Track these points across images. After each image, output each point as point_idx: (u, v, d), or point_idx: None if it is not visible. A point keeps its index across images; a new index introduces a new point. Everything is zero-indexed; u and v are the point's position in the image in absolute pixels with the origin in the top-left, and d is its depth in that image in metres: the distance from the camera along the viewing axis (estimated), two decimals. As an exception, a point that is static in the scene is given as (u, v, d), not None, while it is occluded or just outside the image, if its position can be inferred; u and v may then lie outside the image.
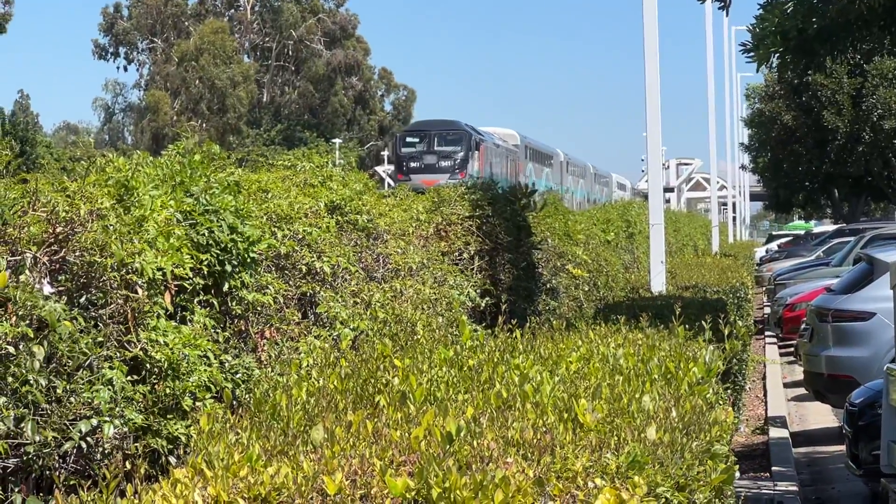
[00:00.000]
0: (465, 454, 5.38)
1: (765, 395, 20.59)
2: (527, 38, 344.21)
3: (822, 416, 18.73)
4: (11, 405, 6.61)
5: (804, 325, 18.18)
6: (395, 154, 58.87)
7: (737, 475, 6.46)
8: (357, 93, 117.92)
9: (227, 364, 8.50)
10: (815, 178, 55.25)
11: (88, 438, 6.99)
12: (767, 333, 30.30)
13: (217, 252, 8.76)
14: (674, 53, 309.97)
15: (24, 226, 7.25)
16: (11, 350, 6.66)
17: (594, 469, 5.31)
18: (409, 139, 57.53)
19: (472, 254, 16.01)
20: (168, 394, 7.71)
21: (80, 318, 7.20)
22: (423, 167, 54.09)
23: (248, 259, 9.04)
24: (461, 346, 8.34)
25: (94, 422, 7.00)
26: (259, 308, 9.47)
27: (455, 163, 54.49)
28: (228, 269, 8.86)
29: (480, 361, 7.72)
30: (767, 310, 34.66)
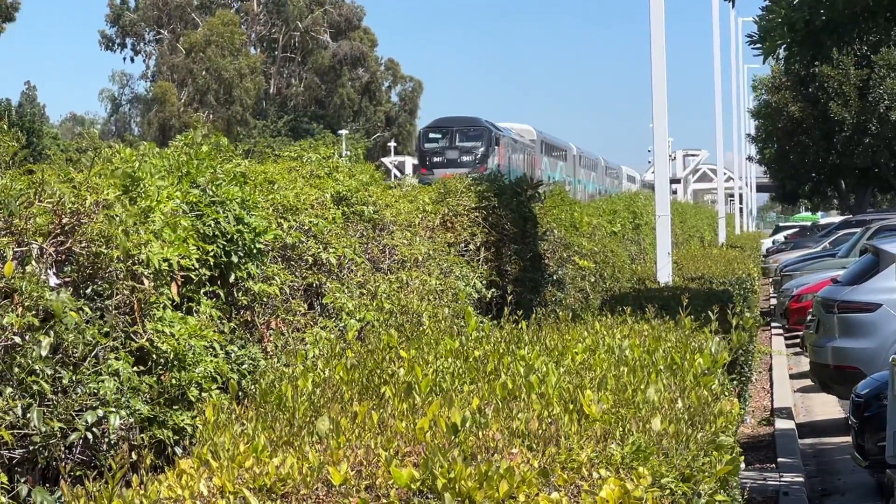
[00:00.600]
0: (471, 445, 5.39)
1: (771, 387, 20.56)
2: (532, 30, 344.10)
3: (828, 408, 18.70)
4: (18, 395, 6.62)
5: (810, 317, 18.15)
6: (419, 149, 61.44)
7: (742, 466, 6.47)
8: (363, 84, 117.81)
9: (233, 355, 8.51)
10: (822, 170, 55.17)
11: (94, 429, 7.00)
12: (773, 325, 30.26)
13: (223, 243, 8.77)
14: (680, 45, 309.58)
15: (31, 217, 7.26)
16: (18, 340, 6.67)
17: (599, 460, 5.32)
18: (432, 135, 59.97)
19: (479, 245, 16.01)
20: (174, 384, 7.72)
21: (87, 309, 7.20)
22: (446, 162, 56.11)
23: (255, 250, 9.05)
24: (467, 338, 8.35)
25: (100, 412, 7.01)
26: (265, 299, 9.48)
27: (476, 157, 56.58)
28: (234, 260, 8.86)
29: (486, 352, 7.73)
30: (774, 301, 34.63)
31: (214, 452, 5.61)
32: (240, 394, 7.98)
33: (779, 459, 14.35)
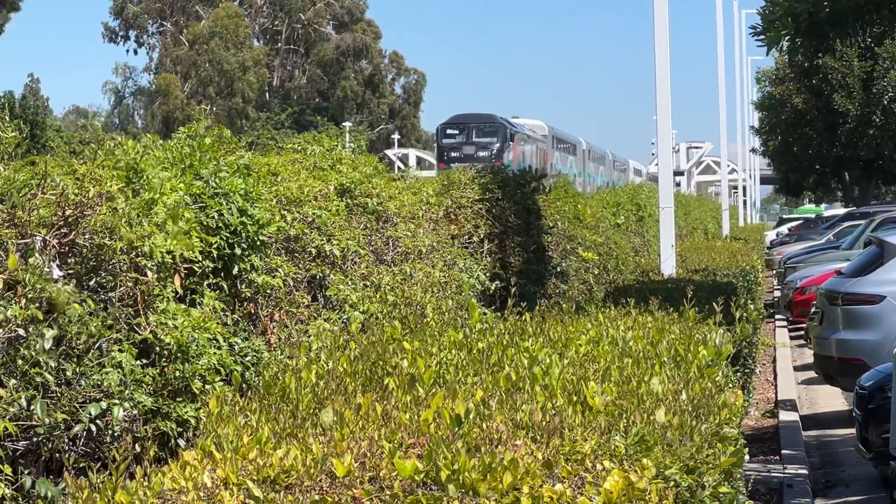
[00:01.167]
0: (474, 436, 5.38)
1: (775, 379, 20.56)
2: (536, 21, 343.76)
3: (832, 400, 18.71)
4: (22, 387, 6.62)
5: (814, 309, 18.14)
6: (437, 145, 64.16)
7: (746, 458, 6.46)
8: (367, 76, 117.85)
9: (237, 347, 8.51)
10: (826, 162, 55.09)
11: (98, 421, 7.00)
12: (777, 317, 30.26)
13: (226, 235, 8.76)
14: (684, 36, 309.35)
15: (34, 209, 7.25)
16: (21, 332, 6.67)
17: (603, 451, 5.31)
18: (450, 131, 63.13)
19: (482, 237, 16.00)
20: (177, 377, 7.72)
21: (90, 301, 7.20)
22: (463, 157, 57.95)
23: (258, 242, 9.05)
24: (470, 329, 8.35)
25: (104, 404, 7.01)
26: (269, 291, 9.48)
27: (492, 153, 58.68)
28: (238, 252, 8.86)
29: (490, 344, 7.73)
30: (777, 293, 34.62)
31: (218, 444, 5.60)
32: (243, 386, 7.99)
33: (783, 451, 14.36)
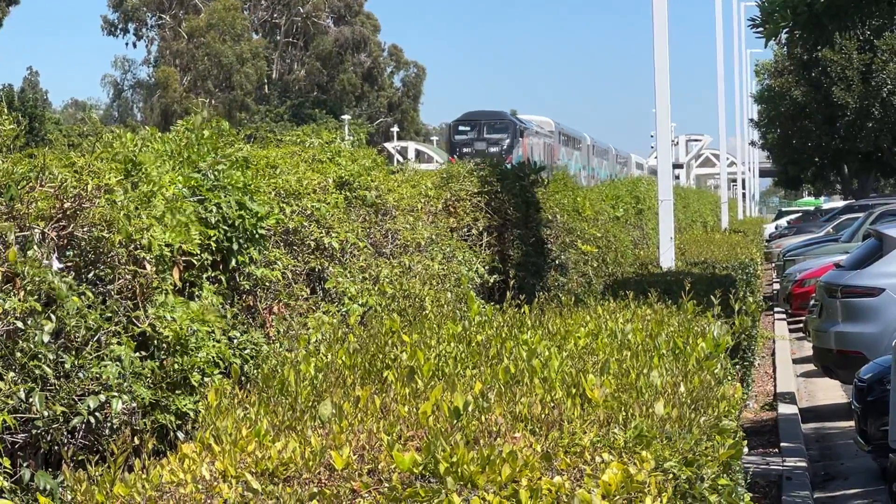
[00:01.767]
0: (473, 429, 5.38)
1: (774, 371, 20.56)
2: (534, 14, 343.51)
3: (831, 392, 18.70)
4: (20, 380, 6.62)
5: (813, 301, 18.14)
6: (449, 141, 67.22)
7: (745, 451, 6.46)
8: (366, 70, 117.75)
9: (236, 340, 8.50)
10: (825, 154, 55.08)
11: (97, 414, 7.00)
12: (776, 309, 30.26)
13: (225, 228, 8.75)
14: (683, 29, 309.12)
15: (32, 201, 7.24)
16: (20, 325, 6.67)
17: (602, 444, 5.31)
18: (462, 128, 66.13)
19: (481, 230, 15.99)
20: (176, 369, 7.71)
21: (89, 294, 7.20)
22: (475, 153, 60.02)
23: (257, 235, 9.03)
24: (469, 322, 8.34)
25: (103, 397, 7.00)
26: (267, 284, 9.47)
27: (502, 148, 61.19)
28: (236, 246, 8.85)
29: (488, 337, 7.72)
30: (776, 286, 34.61)
31: (217, 437, 5.61)
32: (242, 378, 7.98)
33: (782, 444, 14.36)
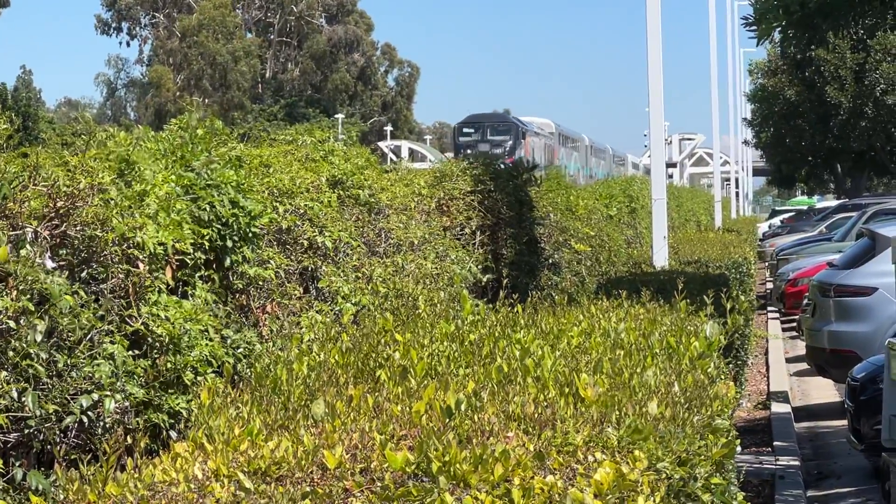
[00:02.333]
0: (466, 428, 5.38)
1: (767, 370, 20.59)
2: (529, 12, 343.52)
3: (824, 391, 18.73)
4: (12, 379, 6.61)
5: (806, 301, 18.20)
6: (454, 142, 69.42)
7: (738, 450, 6.46)
8: (359, 69, 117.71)
9: (229, 339, 8.50)
10: (818, 154, 55.20)
11: (89, 413, 6.98)
12: (770, 308, 30.30)
13: (218, 227, 8.75)
14: (676, 28, 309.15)
15: (25, 200, 7.23)
16: (12, 324, 6.66)
17: (595, 443, 5.30)
18: (466, 130, 68.55)
19: (474, 229, 15.99)
20: (169, 368, 7.71)
21: (82, 293, 7.19)
22: (479, 154, 60.56)
23: (250, 234, 9.03)
24: (462, 321, 8.33)
25: (95, 396, 6.99)
26: (260, 283, 9.47)
27: (505, 150, 62.45)
28: (230, 244, 8.84)
29: (481, 336, 7.71)
30: (770, 285, 34.66)
31: (209, 436, 5.60)
32: (235, 377, 7.97)
33: (775, 443, 14.38)
